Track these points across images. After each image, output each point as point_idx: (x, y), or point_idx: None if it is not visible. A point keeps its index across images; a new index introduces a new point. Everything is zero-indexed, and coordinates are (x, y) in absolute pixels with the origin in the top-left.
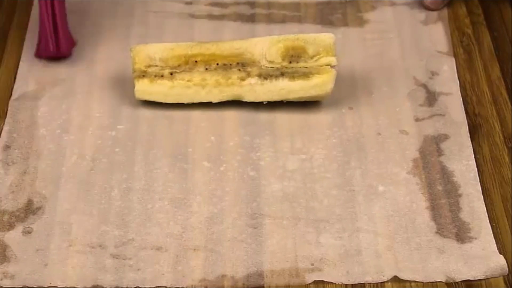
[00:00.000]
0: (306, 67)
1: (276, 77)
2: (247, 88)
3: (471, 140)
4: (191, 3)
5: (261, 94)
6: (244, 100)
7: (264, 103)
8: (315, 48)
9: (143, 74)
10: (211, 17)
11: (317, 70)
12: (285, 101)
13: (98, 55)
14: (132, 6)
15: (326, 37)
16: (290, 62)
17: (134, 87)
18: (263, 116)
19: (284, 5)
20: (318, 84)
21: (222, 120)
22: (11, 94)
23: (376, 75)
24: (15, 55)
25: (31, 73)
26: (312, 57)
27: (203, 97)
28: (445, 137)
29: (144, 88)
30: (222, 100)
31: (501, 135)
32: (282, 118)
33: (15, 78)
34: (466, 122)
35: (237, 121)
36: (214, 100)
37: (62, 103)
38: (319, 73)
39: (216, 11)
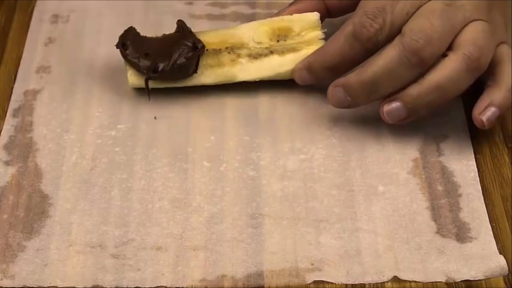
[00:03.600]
0: (295, 43)
1: (266, 55)
2: (239, 68)
3: (471, 140)
4: (191, 3)
5: (253, 73)
6: (238, 81)
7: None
8: (301, 25)
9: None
10: (211, 17)
11: (306, 43)
12: (279, 79)
13: (98, 54)
14: (132, 5)
15: (310, 15)
16: (278, 41)
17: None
18: (263, 116)
19: (284, 5)
20: (308, 53)
21: (222, 120)
22: (11, 94)
23: None
24: (15, 54)
25: (31, 73)
26: (299, 34)
27: (197, 79)
28: (445, 137)
29: (137, 73)
30: (216, 82)
31: (501, 135)
32: (282, 118)
33: (15, 78)
34: (466, 122)
35: (237, 121)
36: (208, 82)
37: (62, 102)
38: (308, 45)
39: (216, 11)
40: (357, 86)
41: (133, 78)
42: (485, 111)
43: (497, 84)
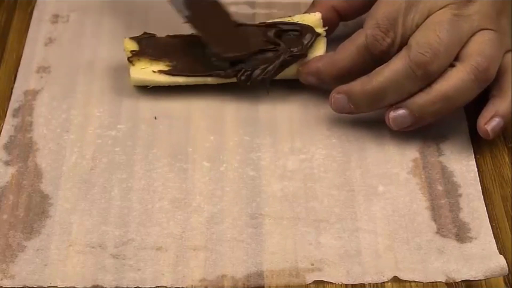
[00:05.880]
0: None
1: None
2: None
3: (471, 140)
4: None
5: None
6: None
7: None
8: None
9: (138, 58)
10: None
11: None
12: (281, 77)
13: (98, 54)
14: (133, 5)
15: (312, 14)
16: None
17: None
18: (263, 116)
19: (284, 5)
20: (310, 50)
21: (222, 120)
22: (11, 94)
23: None
24: (15, 54)
25: (31, 73)
26: None
27: (202, 78)
28: (445, 137)
29: (140, 68)
30: (221, 82)
31: (501, 135)
32: (282, 118)
33: (15, 78)
34: (466, 122)
35: (237, 121)
36: (212, 81)
37: (62, 102)
38: None
39: None
40: (361, 95)
41: (135, 71)
42: (490, 121)
43: (502, 94)
